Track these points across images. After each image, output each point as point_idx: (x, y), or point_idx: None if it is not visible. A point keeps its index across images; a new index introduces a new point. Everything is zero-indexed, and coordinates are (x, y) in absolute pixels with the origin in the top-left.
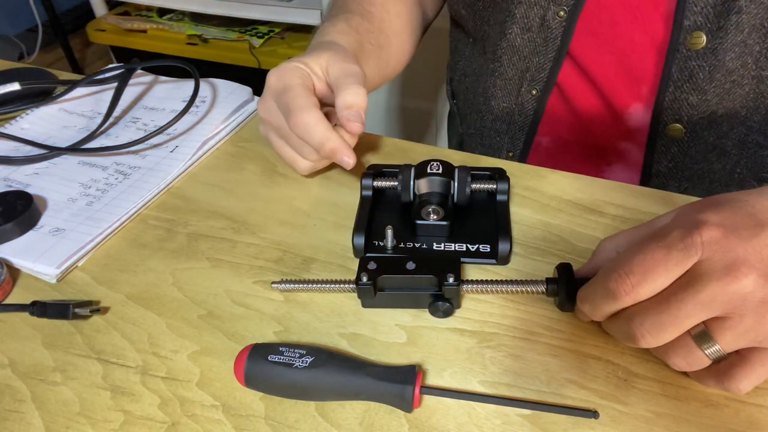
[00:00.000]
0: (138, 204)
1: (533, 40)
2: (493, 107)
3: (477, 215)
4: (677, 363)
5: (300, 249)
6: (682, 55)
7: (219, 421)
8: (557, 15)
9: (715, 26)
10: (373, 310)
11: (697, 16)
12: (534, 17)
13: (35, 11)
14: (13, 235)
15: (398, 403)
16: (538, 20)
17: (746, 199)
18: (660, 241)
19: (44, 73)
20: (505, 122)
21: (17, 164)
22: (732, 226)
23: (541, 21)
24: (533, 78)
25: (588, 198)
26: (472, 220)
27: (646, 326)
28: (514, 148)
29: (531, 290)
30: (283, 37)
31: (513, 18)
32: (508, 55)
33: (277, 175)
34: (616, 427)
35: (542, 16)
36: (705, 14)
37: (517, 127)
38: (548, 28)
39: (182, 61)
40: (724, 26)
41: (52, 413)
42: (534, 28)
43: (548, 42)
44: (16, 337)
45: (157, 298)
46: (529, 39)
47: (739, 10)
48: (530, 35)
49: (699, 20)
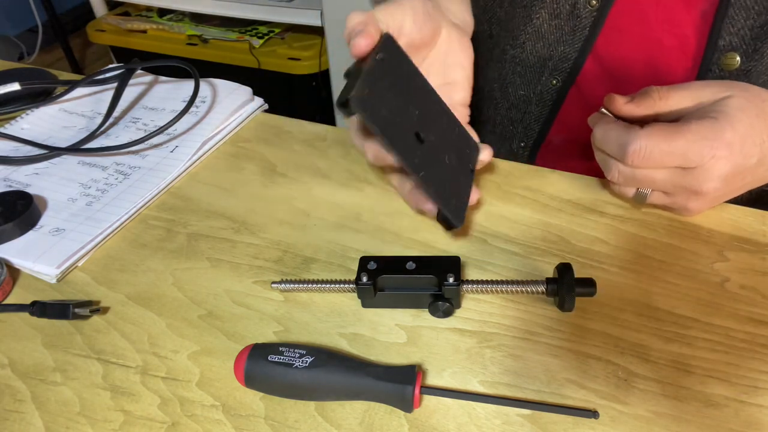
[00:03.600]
0: (138, 204)
1: (560, 28)
2: (509, 94)
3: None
4: (615, 175)
5: (300, 249)
6: (714, 75)
7: (219, 421)
8: (589, 4)
9: (751, 48)
10: (373, 310)
11: (733, 36)
12: (564, 3)
13: (35, 11)
14: (13, 235)
15: (398, 403)
16: (568, 7)
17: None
18: (688, 140)
19: (44, 73)
20: (520, 111)
21: (17, 164)
22: (741, 148)
23: (571, 8)
24: (555, 67)
25: (588, 198)
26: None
27: (619, 170)
28: (527, 139)
29: (531, 290)
30: (283, 37)
31: (543, 2)
32: (532, 41)
33: (277, 175)
34: (616, 427)
35: (573, 3)
36: (741, 36)
37: (533, 118)
38: (578, 17)
39: (182, 61)
40: (760, 49)
41: (52, 413)
42: (563, 14)
43: (576, 31)
44: (16, 337)
45: (157, 298)
46: (556, 26)
47: None
48: (558, 22)
49: (735, 41)
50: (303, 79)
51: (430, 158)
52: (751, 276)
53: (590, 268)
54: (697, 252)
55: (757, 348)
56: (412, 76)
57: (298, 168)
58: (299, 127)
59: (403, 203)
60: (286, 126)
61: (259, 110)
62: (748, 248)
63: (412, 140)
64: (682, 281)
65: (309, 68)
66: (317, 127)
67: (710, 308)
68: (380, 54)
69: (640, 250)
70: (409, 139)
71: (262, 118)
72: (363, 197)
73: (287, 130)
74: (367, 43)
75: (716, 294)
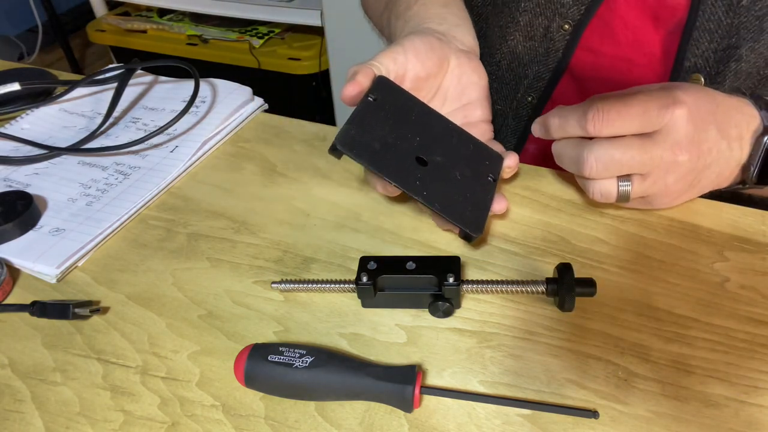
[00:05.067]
0: (138, 204)
1: (534, 49)
2: None
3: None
4: (594, 193)
5: (300, 249)
6: None
7: (219, 421)
8: (561, 28)
9: (714, 70)
10: (373, 310)
11: (698, 58)
12: (538, 27)
13: (35, 11)
14: (13, 235)
15: (398, 403)
16: (541, 30)
17: (714, 95)
18: (641, 100)
19: (44, 73)
20: (497, 124)
21: (17, 164)
22: (697, 111)
23: (544, 31)
24: (530, 86)
25: (588, 198)
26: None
27: (596, 156)
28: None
29: (531, 290)
30: (283, 37)
31: (516, 25)
32: (507, 60)
33: (277, 175)
34: (616, 427)
35: (546, 26)
36: (705, 58)
37: (510, 130)
38: (551, 40)
39: (182, 61)
40: (722, 71)
41: (52, 413)
42: (537, 37)
43: (549, 53)
44: (16, 337)
45: (157, 298)
46: (530, 47)
47: (738, 59)
48: (532, 44)
49: (699, 63)
50: (303, 79)
51: (435, 177)
52: (751, 276)
53: (590, 268)
54: (697, 252)
55: (757, 348)
56: (412, 107)
57: (298, 168)
58: (299, 127)
59: (403, 203)
60: (286, 126)
61: (259, 110)
62: (748, 248)
63: (412, 165)
64: (682, 281)
65: (309, 68)
66: (317, 127)
67: (710, 308)
68: (372, 95)
69: (640, 250)
70: (408, 164)
71: (262, 118)
72: (363, 197)
73: (287, 130)
74: (353, 89)
75: (716, 294)
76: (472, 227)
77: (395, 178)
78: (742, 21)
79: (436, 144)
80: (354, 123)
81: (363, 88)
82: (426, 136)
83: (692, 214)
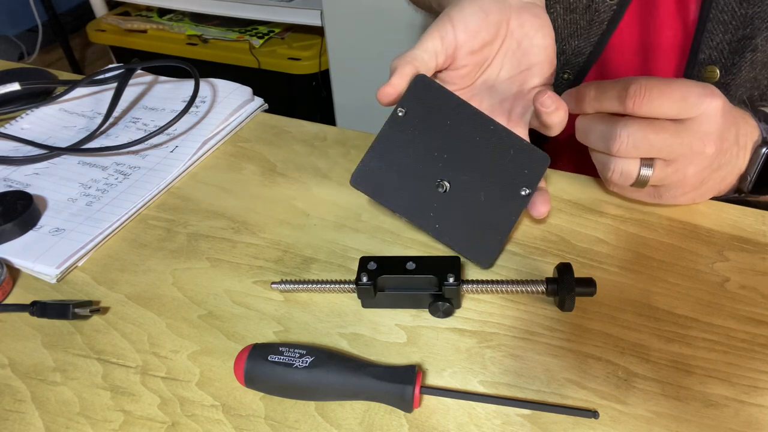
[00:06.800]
0: (138, 204)
1: (576, 22)
2: None
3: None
4: (613, 174)
5: (300, 249)
6: None
7: (219, 421)
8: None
9: (730, 62)
10: (373, 310)
11: (713, 51)
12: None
13: (35, 11)
14: (13, 235)
15: (398, 403)
16: (585, 2)
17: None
18: (683, 85)
19: (44, 73)
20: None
21: (17, 164)
22: (728, 108)
23: (588, 2)
24: (567, 62)
25: (588, 198)
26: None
27: (629, 132)
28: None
29: (531, 290)
30: (283, 37)
31: None
32: None
33: (277, 175)
34: (616, 427)
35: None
36: (720, 50)
37: None
38: (595, 11)
39: (182, 61)
40: (737, 63)
41: (52, 413)
42: (579, 9)
43: (593, 26)
44: (16, 337)
45: (157, 298)
46: (571, 21)
47: (754, 49)
48: (573, 17)
49: (714, 55)
50: (303, 79)
51: (454, 204)
52: (751, 276)
53: (590, 268)
54: (697, 252)
55: (757, 348)
56: (448, 112)
57: (298, 168)
58: (299, 127)
59: None
60: (286, 126)
61: (259, 110)
62: (748, 248)
63: (429, 194)
64: (682, 281)
65: (309, 68)
66: (317, 127)
67: (710, 308)
68: (403, 107)
69: (640, 250)
70: (425, 194)
71: (262, 118)
72: (363, 197)
73: (287, 130)
74: (388, 95)
75: (716, 294)
76: (484, 260)
77: (407, 213)
78: (756, 11)
79: (466, 159)
80: (375, 152)
81: (399, 91)
82: (455, 150)
83: (692, 214)
